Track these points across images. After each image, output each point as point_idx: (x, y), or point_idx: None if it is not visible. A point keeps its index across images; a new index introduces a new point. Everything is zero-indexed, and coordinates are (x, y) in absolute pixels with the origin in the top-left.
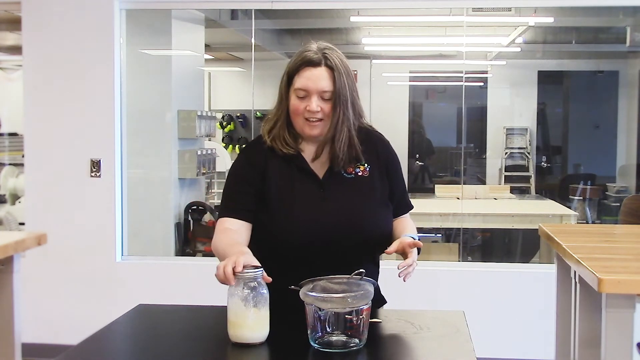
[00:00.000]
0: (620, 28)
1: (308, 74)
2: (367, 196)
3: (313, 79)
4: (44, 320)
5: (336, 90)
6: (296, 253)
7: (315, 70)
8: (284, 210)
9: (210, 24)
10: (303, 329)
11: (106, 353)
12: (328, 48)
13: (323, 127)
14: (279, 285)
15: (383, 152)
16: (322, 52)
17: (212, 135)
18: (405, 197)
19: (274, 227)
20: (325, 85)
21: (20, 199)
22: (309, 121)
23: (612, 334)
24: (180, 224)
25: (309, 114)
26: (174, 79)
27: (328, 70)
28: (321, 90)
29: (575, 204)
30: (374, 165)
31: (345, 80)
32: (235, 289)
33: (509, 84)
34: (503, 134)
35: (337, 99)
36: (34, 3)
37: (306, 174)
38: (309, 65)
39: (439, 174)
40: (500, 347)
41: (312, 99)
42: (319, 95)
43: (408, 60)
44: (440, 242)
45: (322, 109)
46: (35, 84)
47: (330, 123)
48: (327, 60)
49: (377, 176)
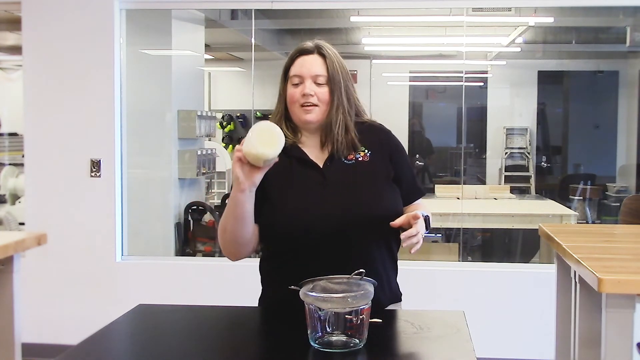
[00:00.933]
0: (620, 28)
1: (301, 61)
2: (369, 178)
3: (306, 65)
4: (44, 320)
5: (329, 75)
6: (302, 242)
7: (308, 57)
8: (283, 199)
9: (210, 24)
10: (303, 329)
11: (106, 353)
12: (322, 41)
13: (319, 113)
14: (293, 279)
15: (385, 139)
16: (315, 43)
17: (212, 135)
18: (414, 182)
19: (275, 218)
20: (318, 70)
21: (20, 199)
22: (304, 106)
23: (612, 334)
24: (180, 224)
25: (304, 98)
26: (174, 79)
27: (321, 57)
28: (314, 74)
29: (575, 204)
30: (375, 151)
31: (339, 68)
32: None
33: (509, 84)
34: (503, 134)
35: (331, 83)
36: (34, 3)
37: (306, 163)
38: (303, 53)
39: (439, 174)
40: (500, 347)
41: (305, 83)
42: (312, 80)
43: (408, 60)
44: (440, 242)
45: (316, 94)
46: (35, 84)
47: (325, 108)
48: (320, 48)
49: (380, 160)
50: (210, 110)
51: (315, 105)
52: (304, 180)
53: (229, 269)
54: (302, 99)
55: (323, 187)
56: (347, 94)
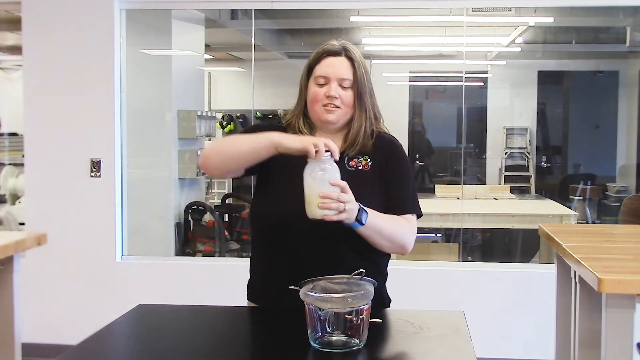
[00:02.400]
0: (620, 28)
1: (329, 62)
2: (362, 187)
3: (333, 66)
4: (44, 320)
5: (357, 79)
6: (286, 228)
7: (336, 59)
8: (279, 184)
9: (210, 24)
10: (303, 329)
11: (106, 353)
12: (348, 43)
13: (340, 114)
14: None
15: (390, 152)
16: (342, 45)
17: (212, 135)
18: (407, 196)
19: (269, 200)
20: (345, 74)
21: (20, 199)
22: (327, 106)
23: (612, 334)
24: (180, 224)
25: (328, 99)
26: (174, 79)
27: (349, 60)
28: (340, 77)
29: (575, 204)
30: (376, 162)
31: (364, 73)
32: (315, 168)
33: (509, 84)
34: (503, 134)
35: (358, 87)
36: (34, 3)
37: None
38: (330, 54)
39: (439, 174)
40: (500, 347)
41: (331, 85)
42: (338, 83)
43: (408, 60)
44: (440, 242)
45: (340, 97)
46: (35, 84)
47: (347, 112)
48: (347, 51)
49: (378, 171)
50: (210, 110)
51: (338, 107)
52: (298, 175)
53: (229, 269)
54: (326, 99)
55: None
56: (371, 99)
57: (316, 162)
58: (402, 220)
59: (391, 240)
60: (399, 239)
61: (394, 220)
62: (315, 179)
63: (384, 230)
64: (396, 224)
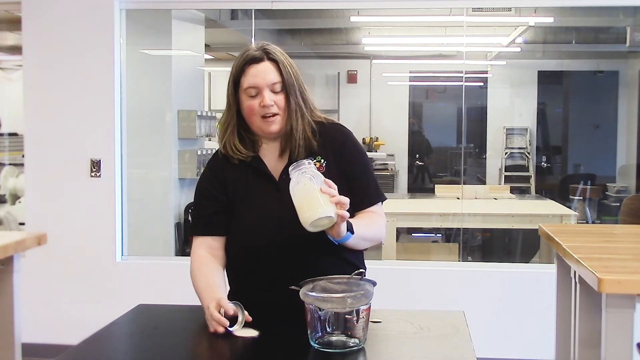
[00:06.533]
0: (620, 28)
1: (254, 71)
2: None
3: (260, 74)
4: (44, 320)
5: (285, 80)
6: (257, 256)
7: (260, 65)
8: (242, 215)
9: (210, 24)
10: (303, 329)
11: (106, 353)
12: (267, 44)
13: (281, 121)
14: (246, 290)
15: (342, 141)
16: (262, 48)
17: (212, 135)
18: (368, 188)
19: (235, 232)
20: (274, 78)
21: (20, 199)
22: (266, 118)
23: (612, 334)
24: (180, 224)
25: (264, 109)
26: (174, 79)
27: (272, 63)
28: (270, 83)
29: (575, 204)
30: (330, 159)
31: (291, 71)
32: (302, 171)
33: (509, 84)
34: (503, 134)
35: (287, 88)
36: (34, 3)
37: (262, 176)
38: (252, 62)
39: (439, 174)
40: (500, 347)
41: (264, 94)
42: (269, 89)
43: (408, 60)
44: (440, 242)
45: (275, 103)
46: (35, 84)
47: (286, 116)
48: (269, 54)
49: (334, 170)
50: (210, 110)
51: (276, 115)
52: (259, 196)
53: None
54: (262, 110)
55: (278, 202)
56: (302, 95)
57: (299, 169)
58: (375, 216)
59: (371, 241)
60: (376, 236)
61: (370, 220)
62: (311, 179)
63: (366, 235)
64: (373, 224)
